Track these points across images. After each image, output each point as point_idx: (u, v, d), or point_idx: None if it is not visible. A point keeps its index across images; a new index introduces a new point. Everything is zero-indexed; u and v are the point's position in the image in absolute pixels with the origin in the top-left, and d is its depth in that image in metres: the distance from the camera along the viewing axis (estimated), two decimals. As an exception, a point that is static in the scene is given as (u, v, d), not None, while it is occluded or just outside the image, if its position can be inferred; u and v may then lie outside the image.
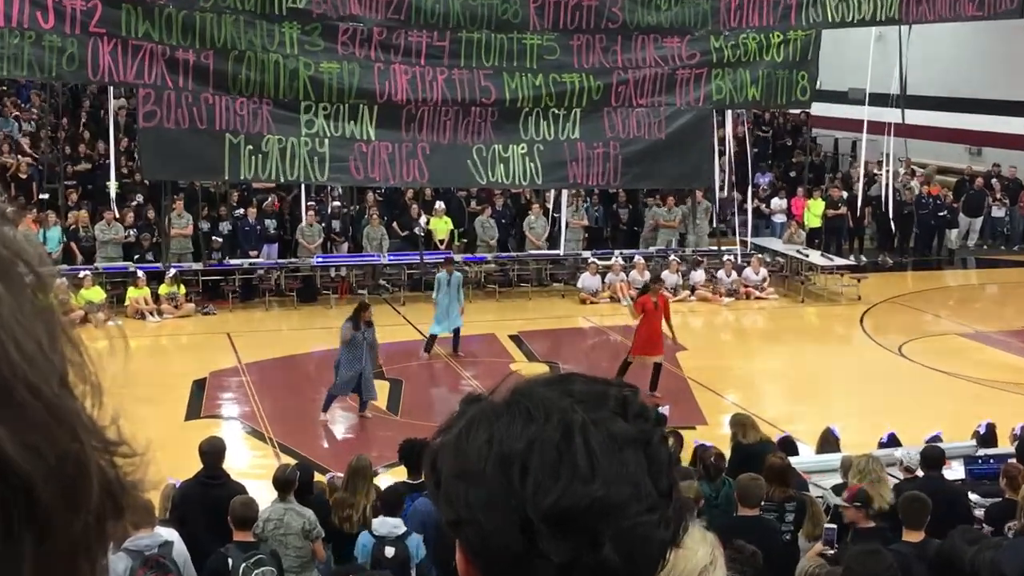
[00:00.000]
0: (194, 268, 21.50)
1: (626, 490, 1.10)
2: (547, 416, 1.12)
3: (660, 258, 23.35)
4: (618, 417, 1.14)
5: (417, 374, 17.33)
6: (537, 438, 1.11)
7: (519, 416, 1.13)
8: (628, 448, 1.12)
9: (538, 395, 1.15)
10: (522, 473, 1.10)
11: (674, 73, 20.71)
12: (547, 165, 20.20)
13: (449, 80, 19.58)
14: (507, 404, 1.15)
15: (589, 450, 1.10)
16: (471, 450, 1.13)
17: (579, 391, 1.16)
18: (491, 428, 1.13)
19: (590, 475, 1.09)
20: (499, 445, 1.12)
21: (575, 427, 1.11)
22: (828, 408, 15.49)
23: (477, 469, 1.12)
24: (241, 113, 18.88)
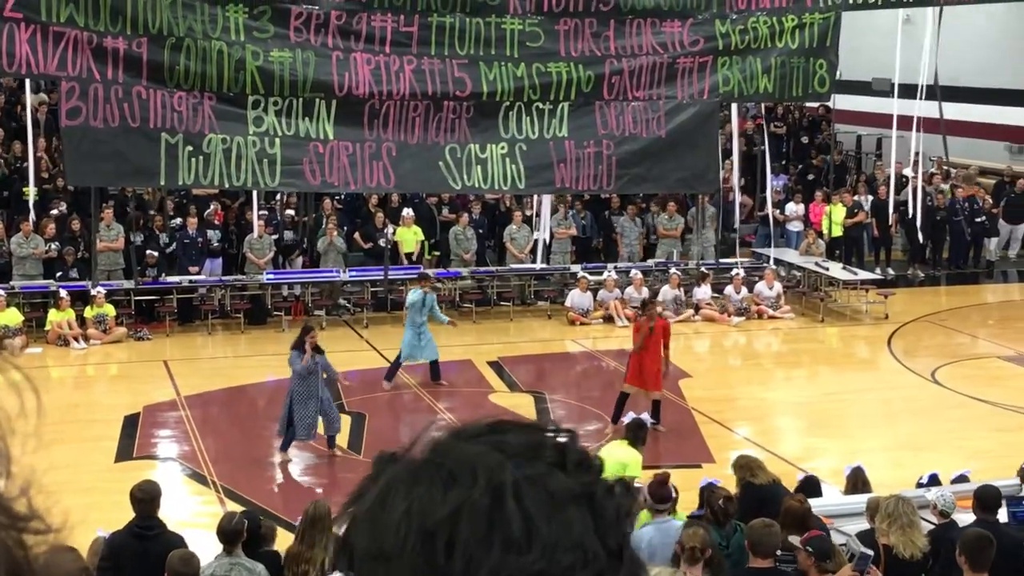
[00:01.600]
0: (125, 287, 21.42)
1: (569, 557, 1.08)
2: (473, 478, 1.09)
3: (660, 271, 23.40)
4: (556, 470, 1.12)
5: (383, 407, 17.30)
6: (463, 505, 1.08)
7: (440, 480, 1.10)
8: (570, 506, 1.10)
9: (462, 453, 1.12)
10: (448, 548, 1.07)
11: (675, 62, 20.78)
12: (531, 167, 20.23)
13: (418, 71, 19.59)
14: (427, 465, 1.13)
15: (524, 514, 1.08)
16: (387, 524, 1.10)
17: (511, 443, 1.14)
18: (409, 496, 1.10)
19: (526, 544, 1.07)
20: (420, 516, 1.09)
21: (506, 488, 1.09)
22: (852, 442, 15.54)
23: (395, 546, 1.09)
24: (179, 109, 18.83)
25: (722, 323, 22.46)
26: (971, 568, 7.35)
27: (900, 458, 14.45)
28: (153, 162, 18.86)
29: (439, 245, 24.12)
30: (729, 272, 23.22)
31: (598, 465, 1.16)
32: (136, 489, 9.04)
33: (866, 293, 23.36)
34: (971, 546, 7.45)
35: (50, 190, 23.04)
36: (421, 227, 23.70)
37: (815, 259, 24.14)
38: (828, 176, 26.81)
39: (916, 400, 17.64)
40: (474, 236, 23.56)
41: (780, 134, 30.29)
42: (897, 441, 15.55)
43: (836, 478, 12.77)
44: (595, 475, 1.15)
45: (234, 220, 23.48)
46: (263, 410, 17.50)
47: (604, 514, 1.12)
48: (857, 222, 25.49)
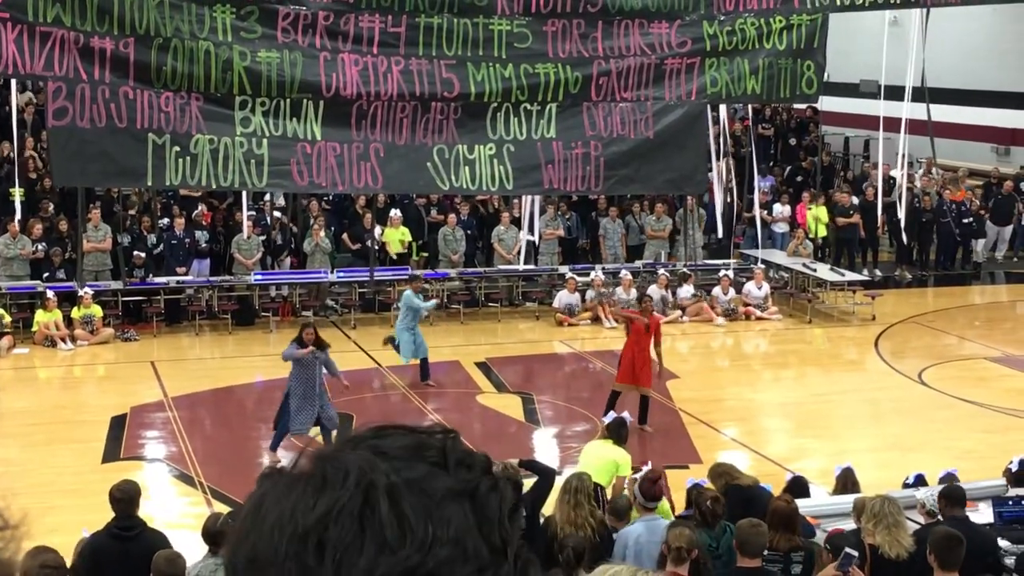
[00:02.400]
0: (113, 287, 21.37)
1: (444, 552, 1.08)
2: (344, 480, 1.09)
3: (648, 272, 23.43)
4: (438, 469, 1.12)
5: (370, 408, 17.28)
6: (333, 507, 1.08)
7: (313, 485, 1.10)
8: (448, 504, 1.10)
9: (338, 458, 1.12)
10: (318, 550, 1.07)
11: (663, 63, 20.79)
12: (519, 168, 20.22)
13: (406, 71, 19.57)
14: (303, 472, 1.13)
15: (398, 513, 1.08)
16: (261, 532, 1.10)
17: (391, 446, 1.14)
18: (281, 503, 1.11)
19: (399, 542, 1.07)
20: (291, 522, 1.09)
21: (378, 489, 1.09)
22: (840, 443, 15.58)
23: (268, 553, 1.09)
24: (166, 110, 18.78)
25: (708, 316, 22.48)
26: (941, 567, 7.36)
27: (887, 459, 14.48)
28: (140, 163, 18.81)
29: (427, 246, 24.11)
30: (717, 273, 23.25)
31: (482, 463, 1.16)
32: (115, 489, 9.01)
33: (853, 294, 23.41)
34: (941, 545, 7.46)
35: (38, 191, 22.99)
36: (409, 228, 23.69)
37: (803, 260, 24.18)
38: (816, 178, 26.86)
39: (903, 401, 17.68)
40: (463, 237, 23.55)
41: (768, 135, 30.34)
42: (884, 442, 15.59)
43: (824, 478, 12.80)
44: (477, 473, 1.14)
45: (222, 221, 23.44)
46: (251, 411, 17.49)
47: (486, 511, 1.12)
48: (851, 223, 25.53)
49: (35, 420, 16.47)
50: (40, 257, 21.41)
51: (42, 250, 21.41)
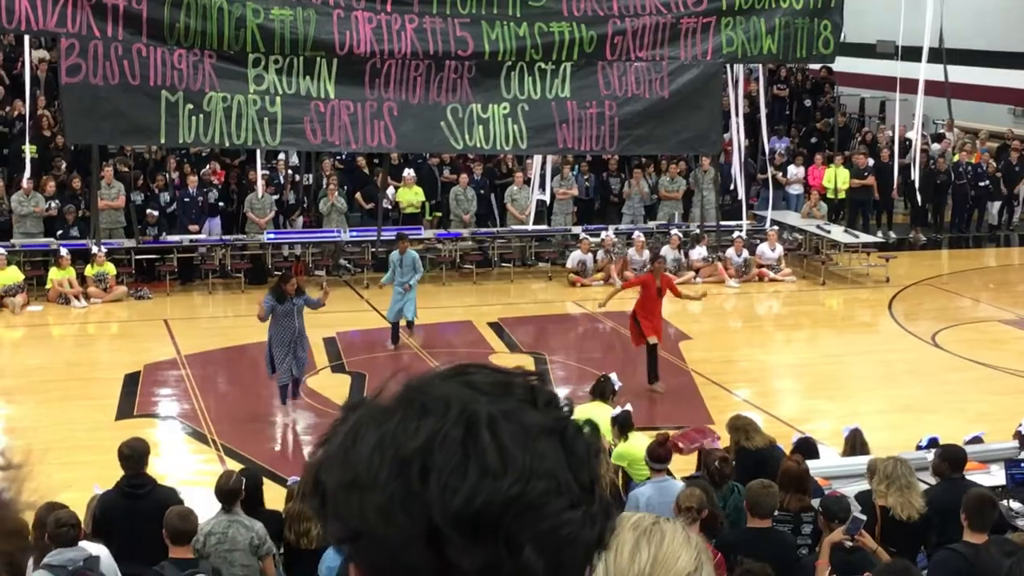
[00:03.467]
0: (126, 246, 21.41)
1: (544, 484, 1.10)
2: (447, 409, 1.12)
3: (661, 234, 23.39)
4: (528, 407, 1.15)
5: (382, 367, 17.30)
6: (437, 434, 1.10)
7: (414, 412, 1.13)
8: (542, 439, 1.13)
9: (434, 389, 1.15)
10: (422, 474, 1.09)
11: (678, 22, 20.65)
12: (533, 128, 20.14)
13: (420, 30, 19.46)
14: (399, 402, 1.15)
15: (498, 443, 1.10)
16: (360, 456, 1.12)
17: (481, 381, 1.16)
18: (381, 429, 1.13)
19: (502, 470, 1.09)
20: (393, 446, 1.11)
21: (480, 419, 1.11)
22: (852, 405, 15.57)
23: (369, 475, 1.11)
24: (179, 67, 18.72)
25: (720, 277, 22.45)
26: (971, 527, 7.39)
27: (899, 420, 14.48)
28: (153, 120, 18.77)
29: (440, 206, 24.07)
30: (730, 235, 23.20)
31: (568, 405, 1.19)
32: (124, 447, 9.06)
33: (867, 256, 23.34)
34: (972, 506, 7.48)
35: (51, 149, 22.99)
36: (423, 188, 23.64)
37: (817, 222, 24.10)
38: (831, 139, 26.71)
39: (916, 363, 17.66)
40: (474, 197, 23.49)
41: (782, 96, 30.17)
42: (897, 404, 15.58)
43: (835, 440, 12.80)
44: (565, 413, 1.17)
45: (235, 179, 23.43)
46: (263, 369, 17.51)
47: (575, 450, 1.14)
48: (866, 184, 25.42)
49: (49, 377, 16.54)
50: (53, 215, 21.43)
51: (55, 208, 21.43)
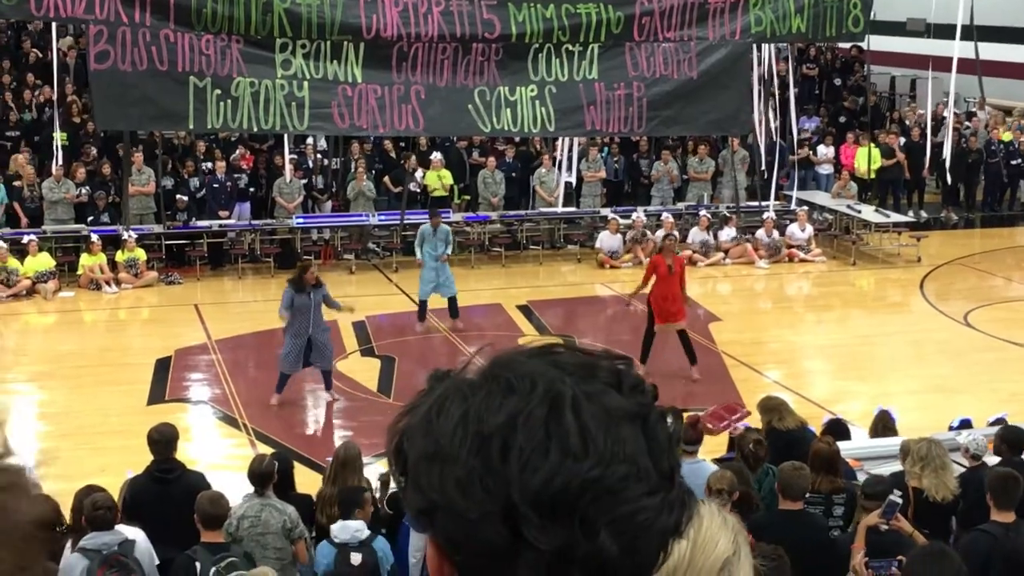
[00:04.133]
0: (156, 231, 21.49)
1: (623, 469, 1.10)
2: (532, 387, 1.12)
3: (691, 215, 23.30)
4: (612, 390, 1.15)
5: (412, 350, 17.33)
6: (520, 412, 1.11)
7: (499, 389, 1.13)
8: (625, 424, 1.13)
9: (521, 366, 1.15)
10: (503, 451, 1.10)
11: (706, 2, 20.54)
12: (561, 110, 20.08)
13: (446, 12, 19.44)
14: (485, 377, 1.15)
15: (581, 425, 1.10)
16: (443, 429, 1.13)
17: (567, 361, 1.16)
18: (466, 403, 1.13)
19: (583, 452, 1.09)
20: (476, 421, 1.12)
21: (564, 399, 1.11)
22: (883, 386, 15.48)
23: (451, 449, 1.11)
24: (207, 52, 18.76)
25: (750, 258, 22.34)
26: (997, 506, 7.36)
27: (931, 401, 14.40)
28: (181, 106, 18.83)
29: (468, 189, 24.05)
30: (760, 215, 23.09)
31: (651, 391, 1.19)
32: (153, 431, 9.12)
33: (899, 236, 23.19)
34: (997, 484, 7.44)
35: (82, 135, 23.08)
36: (451, 171, 23.63)
37: (847, 202, 23.95)
38: (861, 118, 26.51)
39: (948, 343, 17.54)
40: (502, 180, 23.45)
41: (812, 76, 29.97)
42: (928, 384, 15.49)
43: (866, 421, 12.71)
44: (649, 399, 1.17)
45: (264, 164, 23.47)
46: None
47: (656, 436, 1.14)
48: (896, 164, 25.24)
49: (81, 363, 16.64)
50: (84, 201, 21.53)
51: (86, 194, 21.53)
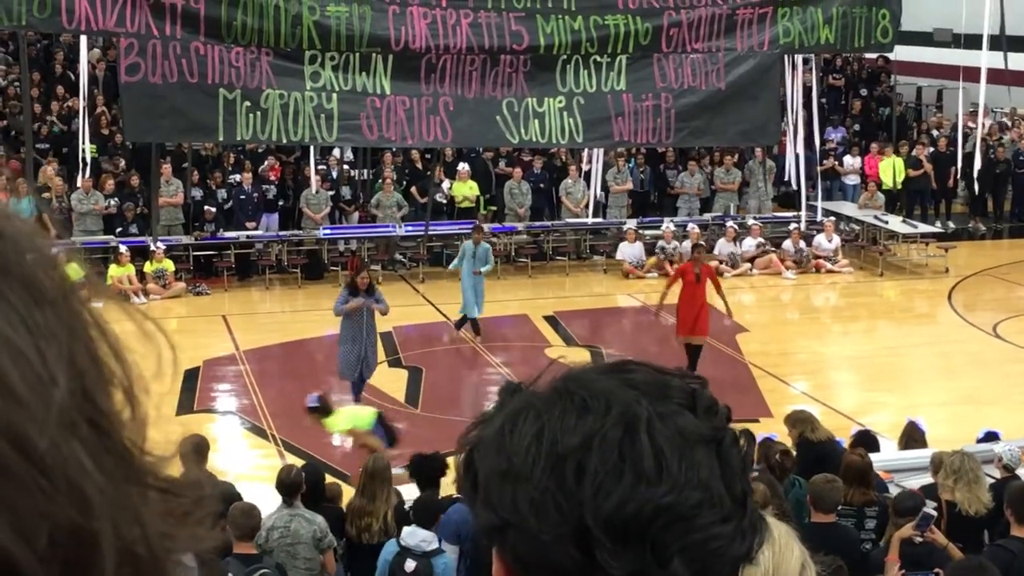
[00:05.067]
0: (184, 242, 21.58)
1: (697, 496, 1.09)
2: (607, 408, 1.11)
3: (717, 226, 23.25)
4: (686, 411, 1.13)
5: (439, 361, 17.35)
6: (596, 433, 1.10)
7: (574, 408, 1.12)
8: (699, 447, 1.11)
9: (595, 384, 1.14)
10: (578, 473, 1.09)
11: (734, 13, 20.51)
12: (588, 121, 20.09)
13: (475, 24, 19.47)
14: (558, 394, 1.14)
15: (656, 448, 1.09)
16: (517, 446, 1.12)
17: (640, 380, 1.15)
18: (541, 421, 1.12)
19: (657, 477, 1.09)
20: (551, 441, 1.11)
21: (640, 422, 1.10)
22: (911, 397, 15.42)
23: (525, 467, 1.11)
24: (237, 65, 18.84)
25: (777, 269, 22.26)
26: (1018, 520, 7.30)
27: (960, 413, 14.31)
28: (211, 118, 18.91)
29: (495, 199, 24.07)
30: (787, 226, 23.02)
31: (725, 413, 1.17)
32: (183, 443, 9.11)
33: (926, 247, 23.08)
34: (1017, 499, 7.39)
35: (110, 147, 23.22)
36: (477, 182, 23.65)
37: (874, 212, 23.86)
38: (889, 129, 26.41)
39: (977, 354, 17.43)
40: (528, 190, 23.47)
41: (838, 86, 29.89)
42: (957, 396, 15.40)
43: (894, 432, 12.65)
44: (723, 422, 1.16)
45: (291, 175, 23.55)
46: (321, 364, 17.61)
47: (730, 460, 1.13)
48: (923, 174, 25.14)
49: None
50: (113, 212, 21.65)
51: (114, 205, 21.64)
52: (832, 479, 8.21)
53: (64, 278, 0.65)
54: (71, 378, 0.62)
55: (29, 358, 0.60)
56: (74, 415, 0.61)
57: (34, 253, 0.65)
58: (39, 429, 0.59)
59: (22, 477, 0.58)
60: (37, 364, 0.60)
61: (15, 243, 0.64)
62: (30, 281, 0.63)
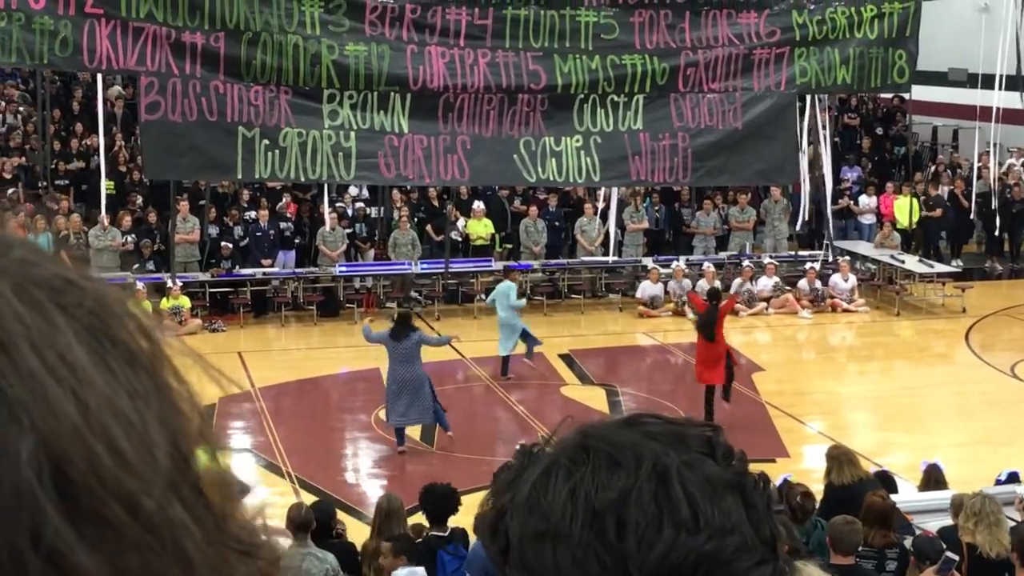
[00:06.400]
0: (200, 279, 21.64)
1: (734, 541, 1.10)
2: (637, 461, 1.11)
3: (732, 264, 23.23)
4: (707, 458, 1.14)
5: (455, 400, 17.31)
6: (631, 487, 1.10)
7: (603, 463, 1.12)
8: (727, 494, 1.12)
9: (617, 438, 1.14)
10: (619, 527, 1.09)
11: (751, 53, 20.61)
12: (606, 160, 20.15)
13: (492, 63, 19.59)
14: (584, 450, 1.14)
15: (689, 497, 1.10)
16: (552, 505, 1.11)
17: (659, 432, 1.15)
18: (573, 478, 1.12)
19: (695, 526, 1.09)
20: (586, 497, 1.10)
21: (671, 472, 1.11)
22: (928, 437, 15.35)
23: (563, 526, 1.10)
24: (256, 103, 18.98)
25: (793, 308, 22.22)
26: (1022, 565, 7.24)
27: (978, 453, 14.24)
28: (230, 156, 19.04)
29: (510, 237, 24.10)
30: (803, 265, 23.00)
31: (743, 457, 1.18)
32: None
33: (943, 286, 23.01)
34: None
35: (127, 184, 23.34)
36: (492, 220, 23.69)
37: (890, 252, 23.83)
38: (904, 168, 26.41)
39: (994, 395, 17.36)
40: (544, 228, 23.49)
41: (853, 125, 29.93)
42: (975, 436, 15.32)
43: (912, 473, 12.61)
44: (743, 466, 1.16)
45: (307, 212, 23.63)
46: (336, 402, 17.64)
47: (755, 504, 1.13)
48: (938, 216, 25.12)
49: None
50: (130, 249, 21.72)
51: (131, 242, 21.72)
52: (851, 521, 8.16)
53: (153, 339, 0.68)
54: (168, 440, 0.65)
55: (133, 422, 0.63)
56: (175, 476, 0.64)
57: (127, 316, 0.67)
58: (147, 491, 0.61)
59: (133, 538, 0.61)
60: (140, 428, 0.63)
61: (111, 308, 0.67)
62: (126, 345, 0.66)
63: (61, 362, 0.61)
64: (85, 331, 0.63)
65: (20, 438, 0.59)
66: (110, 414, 0.62)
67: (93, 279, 0.68)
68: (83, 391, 0.61)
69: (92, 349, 0.63)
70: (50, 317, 0.62)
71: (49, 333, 0.61)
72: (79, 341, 0.62)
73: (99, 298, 0.66)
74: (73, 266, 0.67)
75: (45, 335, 0.61)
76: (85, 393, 0.61)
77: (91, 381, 0.61)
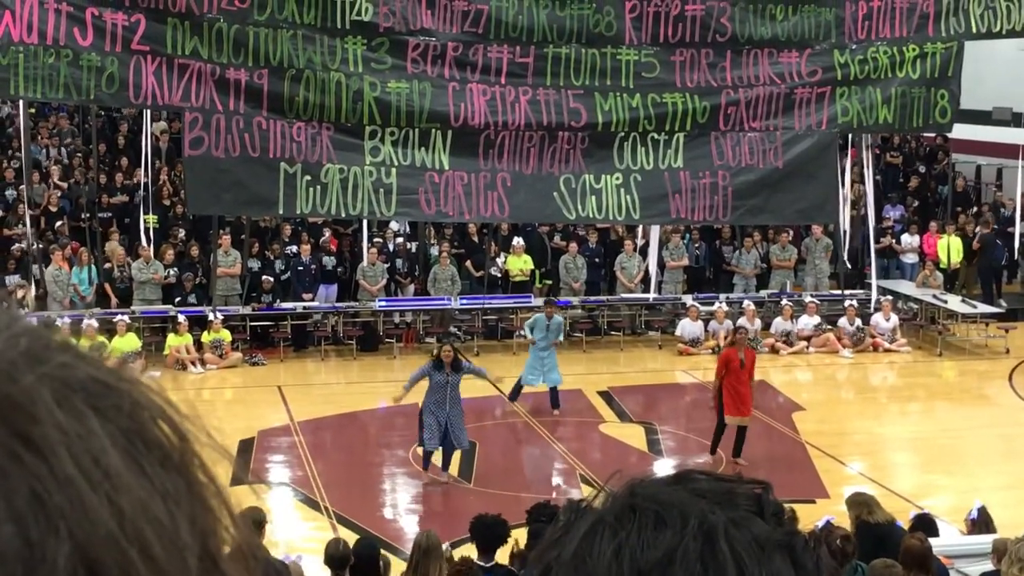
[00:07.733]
0: (242, 312, 21.79)
1: None
2: (683, 520, 1.10)
3: (773, 303, 23.16)
4: (755, 518, 1.12)
5: (493, 435, 17.34)
6: (677, 546, 1.08)
7: (649, 522, 1.10)
8: (775, 554, 1.10)
9: (664, 496, 1.13)
10: None
11: (792, 92, 20.61)
12: (645, 198, 20.18)
13: (533, 101, 19.69)
14: (631, 509, 1.13)
15: (736, 557, 1.08)
16: (598, 565, 1.10)
17: (707, 489, 1.14)
18: (618, 538, 1.10)
19: None
20: (631, 558, 1.09)
21: (717, 531, 1.09)
22: (972, 480, 15.19)
23: None
24: (298, 139, 19.16)
25: (834, 347, 22.10)
26: None
27: (1021, 497, 14.08)
28: (272, 191, 19.20)
29: (549, 274, 24.13)
30: (843, 304, 22.91)
31: (793, 517, 1.17)
32: None
33: (986, 327, 22.84)
34: None
35: (170, 217, 23.59)
36: (532, 256, 23.75)
37: (932, 291, 23.68)
38: (947, 207, 26.28)
39: (1039, 437, 17.18)
40: (584, 265, 23.52)
41: (896, 164, 29.83)
42: (1019, 480, 15.15)
43: (954, 516, 12.50)
44: (793, 526, 1.14)
45: (348, 247, 23.77)
46: (375, 436, 17.68)
47: (806, 566, 1.11)
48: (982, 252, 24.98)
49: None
50: (172, 282, 21.92)
51: (174, 275, 21.92)
52: (891, 564, 8.10)
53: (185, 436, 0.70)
54: (199, 542, 0.67)
55: (165, 525, 0.65)
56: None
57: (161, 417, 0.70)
58: None
59: None
60: (171, 531, 0.65)
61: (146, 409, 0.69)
62: (159, 445, 0.68)
63: (96, 467, 0.63)
64: (121, 434, 0.65)
65: (58, 546, 0.61)
66: (144, 519, 0.64)
67: (129, 380, 0.69)
68: (118, 496, 0.63)
69: (127, 452, 0.65)
70: (87, 422, 0.64)
71: (86, 438, 0.64)
72: (114, 444, 0.65)
73: (134, 399, 0.68)
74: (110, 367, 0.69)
75: (82, 440, 0.64)
76: (120, 498, 0.63)
77: (126, 486, 0.64)
